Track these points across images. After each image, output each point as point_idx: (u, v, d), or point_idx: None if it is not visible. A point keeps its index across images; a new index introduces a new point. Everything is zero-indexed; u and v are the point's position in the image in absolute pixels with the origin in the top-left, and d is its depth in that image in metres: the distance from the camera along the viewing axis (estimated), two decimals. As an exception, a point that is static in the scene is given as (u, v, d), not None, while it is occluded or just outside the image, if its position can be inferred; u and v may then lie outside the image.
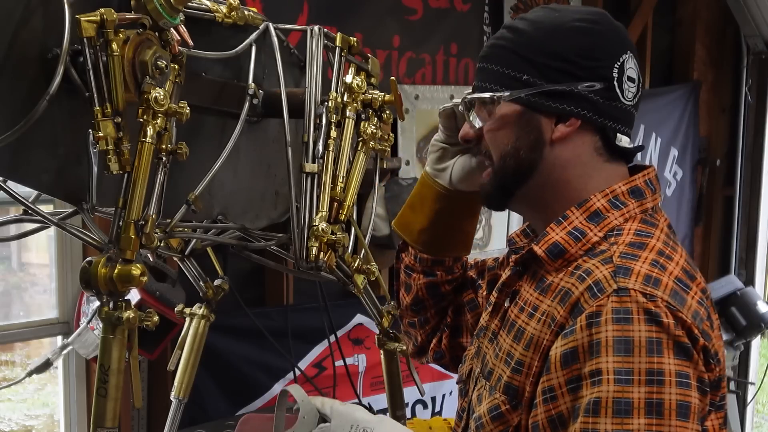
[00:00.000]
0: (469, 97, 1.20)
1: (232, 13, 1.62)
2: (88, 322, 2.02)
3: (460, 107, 1.23)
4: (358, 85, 1.72)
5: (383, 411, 2.79)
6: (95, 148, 1.28)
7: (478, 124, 1.18)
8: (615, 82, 1.15)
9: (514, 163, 1.14)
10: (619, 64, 1.15)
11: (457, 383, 1.32)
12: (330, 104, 1.67)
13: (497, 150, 1.15)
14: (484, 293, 1.40)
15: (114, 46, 1.24)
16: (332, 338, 2.72)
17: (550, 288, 1.12)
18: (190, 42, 1.45)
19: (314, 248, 1.60)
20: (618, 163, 1.20)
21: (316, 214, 1.62)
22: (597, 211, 1.15)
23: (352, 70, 1.75)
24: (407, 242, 1.41)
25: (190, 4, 1.50)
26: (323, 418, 1.12)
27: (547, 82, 1.12)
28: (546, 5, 1.20)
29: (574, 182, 1.16)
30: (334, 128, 1.67)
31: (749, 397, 4.40)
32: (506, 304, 1.20)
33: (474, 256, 1.46)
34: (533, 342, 1.08)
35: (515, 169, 1.15)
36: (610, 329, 1.00)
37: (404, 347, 2.15)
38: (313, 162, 1.64)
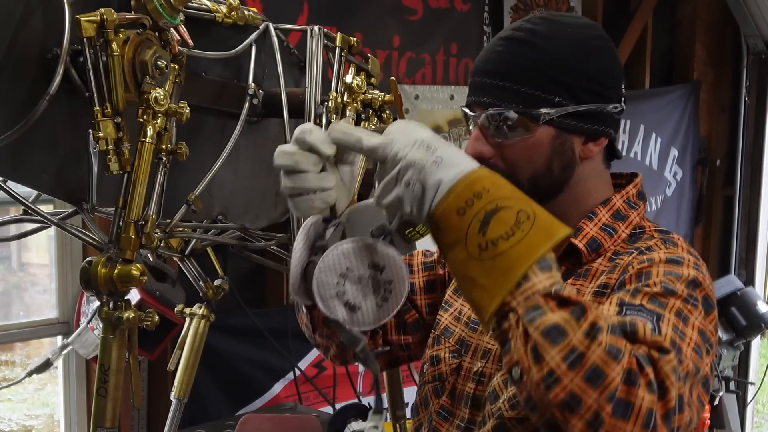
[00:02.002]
0: (506, 115, 1.11)
1: (232, 13, 1.62)
2: (88, 322, 2.02)
3: (472, 124, 1.16)
4: (358, 85, 1.72)
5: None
6: (95, 148, 1.28)
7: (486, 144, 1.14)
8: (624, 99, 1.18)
9: (548, 183, 1.15)
10: (624, 81, 1.18)
11: (428, 382, 1.28)
12: (330, 104, 1.67)
13: (528, 170, 1.13)
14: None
15: (114, 46, 1.24)
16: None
17: (589, 273, 1.15)
18: (190, 42, 1.45)
19: (314, 248, 1.60)
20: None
21: (316, 214, 1.62)
22: (618, 210, 1.20)
23: (352, 70, 1.75)
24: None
25: (190, 4, 1.50)
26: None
27: (578, 103, 1.12)
28: (546, 15, 1.18)
29: (592, 191, 1.20)
30: (334, 128, 1.67)
31: (749, 397, 4.41)
32: None
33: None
34: None
35: (547, 188, 1.15)
36: (662, 254, 1.08)
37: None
38: (313, 162, 1.64)
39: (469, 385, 1.21)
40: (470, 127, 1.18)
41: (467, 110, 1.17)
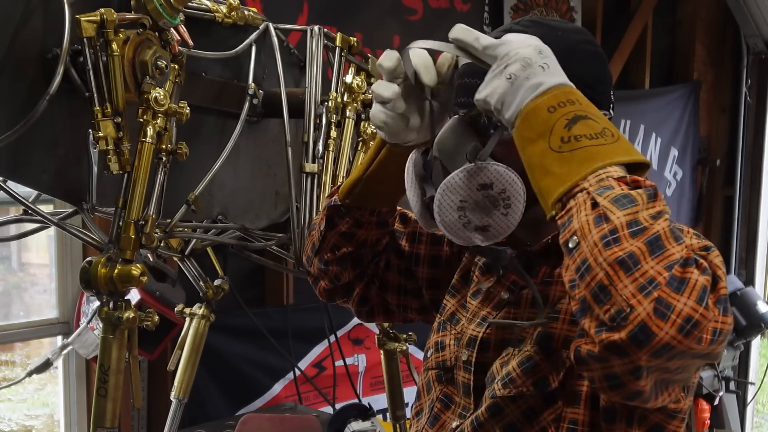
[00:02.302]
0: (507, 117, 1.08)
1: (232, 13, 1.62)
2: (88, 322, 2.02)
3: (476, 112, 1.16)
4: (358, 85, 1.72)
5: (383, 411, 2.79)
6: (95, 148, 1.28)
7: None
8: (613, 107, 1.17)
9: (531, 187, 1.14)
10: (612, 87, 1.18)
11: (431, 368, 1.28)
12: (330, 104, 1.67)
13: (516, 171, 1.14)
14: (406, 245, 1.38)
15: (114, 46, 1.24)
16: (332, 338, 2.73)
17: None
18: (190, 42, 1.45)
19: (314, 248, 1.60)
20: None
21: (316, 214, 1.62)
22: None
23: (352, 70, 1.75)
24: (370, 205, 1.33)
25: (190, 4, 1.50)
26: None
27: None
28: (536, 18, 1.17)
29: None
30: (334, 128, 1.67)
31: (749, 397, 4.41)
32: (506, 297, 1.19)
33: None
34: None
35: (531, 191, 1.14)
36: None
37: (405, 347, 2.16)
38: (313, 162, 1.64)
39: (462, 375, 1.21)
40: None
41: (456, 108, 1.17)
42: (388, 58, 1.18)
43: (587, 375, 0.93)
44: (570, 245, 0.90)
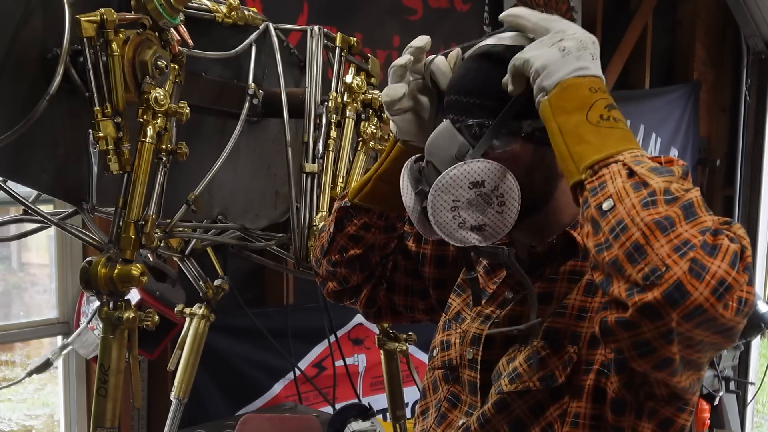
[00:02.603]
0: (485, 127, 1.10)
1: (232, 13, 1.62)
2: (88, 322, 2.02)
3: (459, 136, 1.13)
4: (358, 85, 1.72)
5: (383, 411, 2.79)
6: (95, 148, 1.28)
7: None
8: None
9: (531, 195, 1.12)
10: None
11: (436, 368, 1.28)
12: (330, 104, 1.67)
13: None
14: (413, 245, 1.38)
15: (114, 46, 1.24)
16: (332, 338, 2.73)
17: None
18: (190, 42, 1.45)
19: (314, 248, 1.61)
20: None
21: (316, 214, 1.62)
22: None
23: (352, 70, 1.75)
24: (379, 208, 1.34)
25: (190, 4, 1.50)
26: None
27: None
28: (513, 29, 1.17)
29: (572, 203, 1.17)
30: (334, 128, 1.67)
31: (749, 397, 4.40)
32: (510, 296, 1.20)
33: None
34: (583, 286, 1.10)
35: (532, 200, 1.13)
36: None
37: (405, 347, 2.16)
38: (313, 162, 1.64)
39: (467, 373, 1.21)
40: None
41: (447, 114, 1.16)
42: (420, 39, 1.20)
43: (614, 347, 0.93)
44: (604, 207, 0.91)
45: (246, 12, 1.66)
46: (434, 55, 1.18)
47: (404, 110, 1.20)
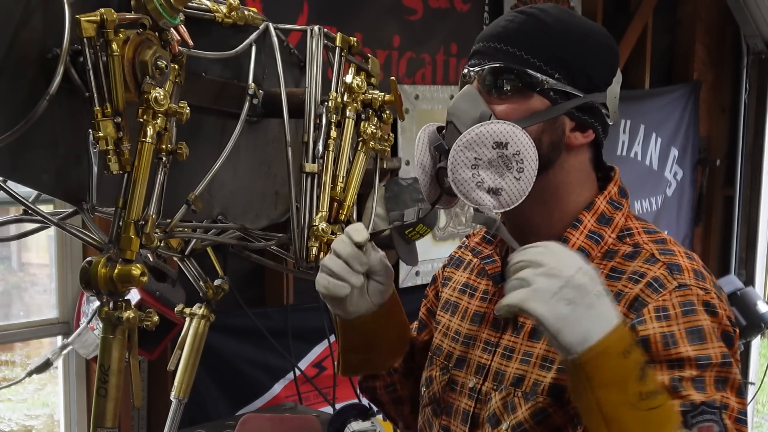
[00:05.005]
0: (507, 71, 1.10)
1: (232, 13, 1.62)
2: (88, 322, 2.02)
3: (473, 78, 1.15)
4: (358, 85, 1.72)
5: (383, 411, 2.79)
6: (95, 148, 1.28)
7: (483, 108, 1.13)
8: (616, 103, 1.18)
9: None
10: (618, 84, 1.18)
11: (426, 405, 1.28)
12: (330, 104, 1.67)
13: None
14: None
15: (114, 46, 1.24)
16: (332, 338, 2.73)
17: None
18: (190, 42, 1.45)
19: (314, 248, 1.60)
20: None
21: (316, 214, 1.62)
22: (603, 213, 1.18)
23: (352, 70, 1.75)
24: (376, 373, 1.40)
25: (190, 4, 1.50)
26: None
27: (574, 87, 1.12)
28: (556, 5, 1.19)
29: (575, 186, 1.18)
30: (334, 128, 1.67)
31: (749, 397, 4.41)
32: (497, 313, 1.20)
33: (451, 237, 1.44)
34: None
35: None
36: (675, 299, 1.06)
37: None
38: (313, 162, 1.64)
39: (465, 402, 1.20)
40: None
41: (468, 68, 1.17)
42: (359, 233, 1.21)
43: None
44: None
45: (246, 12, 1.66)
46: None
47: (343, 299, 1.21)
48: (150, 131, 1.30)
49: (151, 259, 1.80)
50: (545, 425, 1.09)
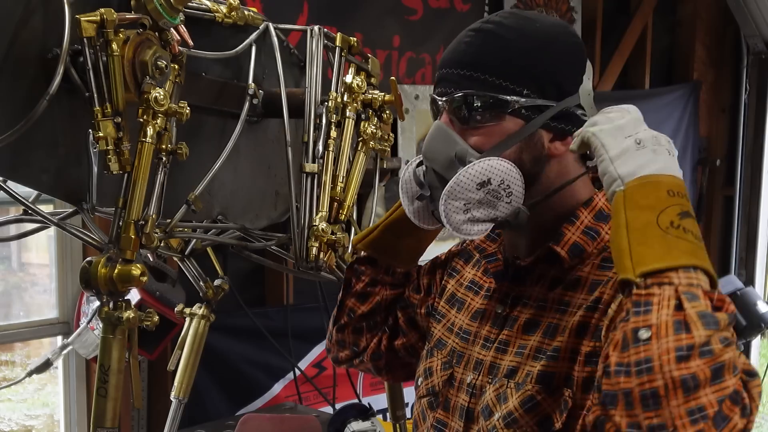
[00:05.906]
0: (475, 99, 1.10)
1: (232, 13, 1.62)
2: (88, 322, 2.02)
3: (443, 107, 1.15)
4: (358, 85, 1.72)
5: (383, 411, 2.79)
6: (95, 148, 1.28)
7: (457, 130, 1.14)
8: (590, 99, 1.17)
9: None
10: (590, 80, 1.18)
11: (422, 396, 1.29)
12: (330, 104, 1.67)
13: None
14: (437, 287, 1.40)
15: (114, 46, 1.24)
16: (332, 338, 2.73)
17: (579, 282, 1.13)
18: (190, 42, 1.45)
19: (314, 248, 1.60)
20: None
21: (316, 214, 1.62)
22: (601, 210, 1.18)
23: (352, 70, 1.75)
24: (385, 261, 1.40)
25: (190, 4, 1.50)
26: None
27: (545, 98, 1.11)
28: (515, 11, 1.17)
29: (569, 191, 1.17)
30: (334, 128, 1.67)
31: (749, 397, 4.40)
32: (500, 311, 1.20)
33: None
34: (574, 328, 1.09)
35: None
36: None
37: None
38: (313, 162, 1.64)
39: (462, 397, 1.20)
40: (436, 119, 1.16)
41: (436, 97, 1.16)
42: None
43: None
44: (641, 335, 0.89)
45: (246, 12, 1.66)
46: None
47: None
48: (150, 131, 1.30)
49: (151, 259, 1.81)
50: (534, 413, 1.09)
